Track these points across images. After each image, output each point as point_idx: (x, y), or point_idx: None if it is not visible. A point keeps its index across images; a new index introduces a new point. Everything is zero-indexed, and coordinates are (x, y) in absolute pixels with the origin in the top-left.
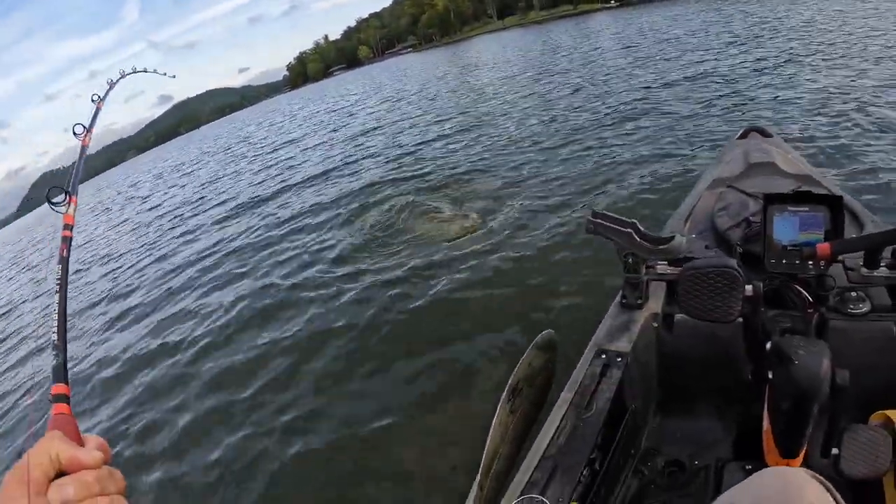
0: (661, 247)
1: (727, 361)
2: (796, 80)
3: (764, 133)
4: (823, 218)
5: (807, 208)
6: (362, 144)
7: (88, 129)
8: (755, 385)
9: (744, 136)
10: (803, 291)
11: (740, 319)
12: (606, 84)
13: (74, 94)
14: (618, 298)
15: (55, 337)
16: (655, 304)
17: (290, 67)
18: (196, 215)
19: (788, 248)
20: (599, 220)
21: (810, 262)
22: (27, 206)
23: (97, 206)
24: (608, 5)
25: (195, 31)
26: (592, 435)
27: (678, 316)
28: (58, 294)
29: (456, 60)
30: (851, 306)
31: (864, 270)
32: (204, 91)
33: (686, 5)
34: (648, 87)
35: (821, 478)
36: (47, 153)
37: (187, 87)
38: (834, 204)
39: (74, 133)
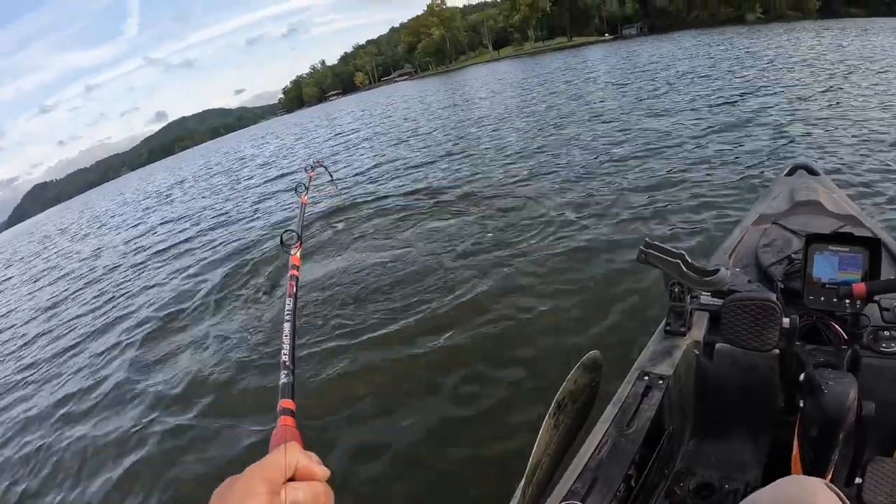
0: (706, 278)
1: (763, 391)
2: (841, 117)
3: (811, 171)
4: (862, 259)
5: (846, 249)
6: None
7: (306, 190)
8: (787, 414)
9: (790, 173)
10: (839, 328)
11: (777, 351)
12: (640, 117)
13: (71, 107)
14: (662, 325)
15: (286, 359)
16: (698, 332)
17: (285, 91)
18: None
19: (827, 286)
20: (651, 250)
21: (847, 301)
22: (18, 216)
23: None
24: (602, 38)
25: (194, 49)
26: (631, 452)
27: (719, 345)
28: (288, 324)
29: (458, 90)
30: (884, 345)
31: None
32: (200, 110)
33: (680, 40)
34: (682, 122)
35: (834, 487)
36: (41, 165)
37: (183, 105)
38: (873, 246)
39: (296, 191)
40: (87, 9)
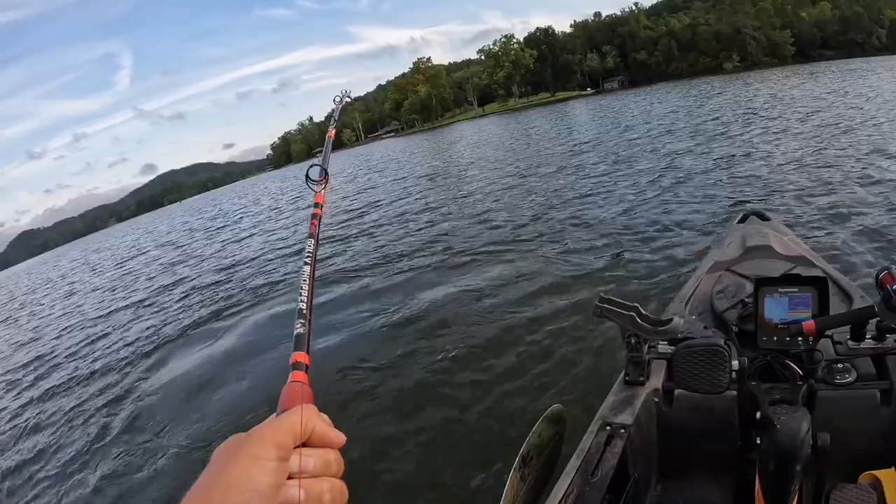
0: (660, 328)
1: (723, 432)
2: (788, 162)
3: (762, 217)
4: (811, 298)
5: (795, 289)
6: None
7: (335, 122)
8: (747, 452)
9: (743, 220)
10: (793, 365)
11: (734, 392)
12: (610, 171)
13: (59, 155)
14: (622, 376)
15: (303, 306)
16: (656, 380)
17: (274, 147)
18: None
19: (779, 326)
20: (605, 305)
21: (799, 338)
22: (2, 263)
23: None
24: (584, 93)
25: (184, 103)
26: (596, 500)
27: (677, 391)
28: (308, 266)
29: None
30: (838, 377)
31: (850, 343)
32: (189, 164)
33: (659, 93)
34: (644, 175)
35: None
36: (27, 212)
37: (172, 158)
38: (820, 285)
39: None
40: (79, 59)
